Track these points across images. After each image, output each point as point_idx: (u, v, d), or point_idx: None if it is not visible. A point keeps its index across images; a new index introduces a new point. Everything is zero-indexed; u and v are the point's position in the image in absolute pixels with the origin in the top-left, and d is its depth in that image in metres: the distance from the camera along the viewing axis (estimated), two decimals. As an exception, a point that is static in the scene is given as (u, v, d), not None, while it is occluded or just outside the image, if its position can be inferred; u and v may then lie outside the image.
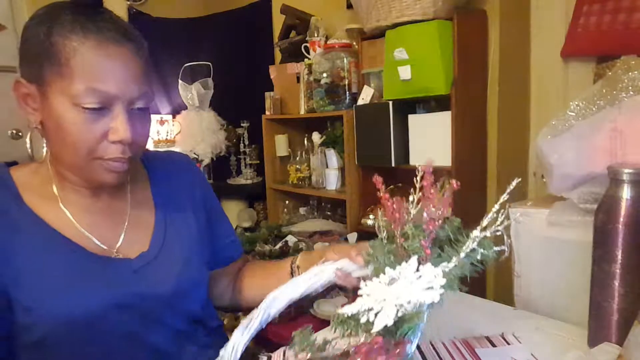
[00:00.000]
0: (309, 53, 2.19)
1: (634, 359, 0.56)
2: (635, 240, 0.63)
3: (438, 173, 0.56)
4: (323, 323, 1.46)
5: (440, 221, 0.54)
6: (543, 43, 1.70)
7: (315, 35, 2.15)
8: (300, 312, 1.57)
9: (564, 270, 0.89)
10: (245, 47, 2.91)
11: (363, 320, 0.49)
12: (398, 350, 0.48)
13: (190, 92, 2.88)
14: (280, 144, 2.45)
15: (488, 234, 0.54)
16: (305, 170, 2.31)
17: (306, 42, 2.19)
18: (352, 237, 1.88)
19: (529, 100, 1.77)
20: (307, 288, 0.60)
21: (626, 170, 0.63)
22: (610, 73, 0.84)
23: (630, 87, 0.79)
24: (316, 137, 2.24)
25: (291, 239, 1.99)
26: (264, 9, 2.74)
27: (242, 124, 2.82)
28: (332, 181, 2.13)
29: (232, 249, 0.89)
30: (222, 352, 0.52)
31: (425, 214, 0.55)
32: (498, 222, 0.53)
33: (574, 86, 1.60)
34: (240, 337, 0.53)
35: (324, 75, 2.03)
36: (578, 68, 1.59)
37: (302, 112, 2.27)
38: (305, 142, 2.33)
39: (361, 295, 0.50)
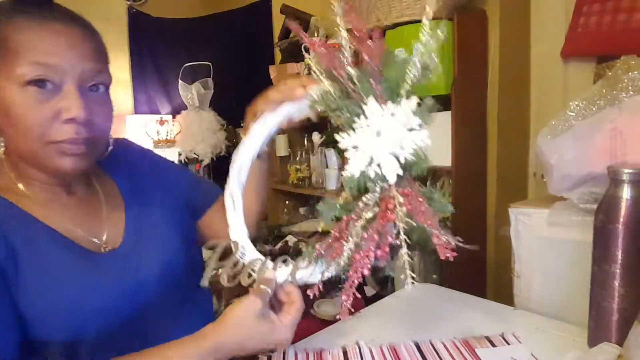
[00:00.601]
0: (309, 53, 2.19)
1: (634, 359, 0.56)
2: (635, 240, 0.63)
3: (438, 173, 0.57)
4: (323, 323, 1.46)
5: (376, 58, 0.56)
6: (543, 43, 1.70)
7: (315, 35, 2.15)
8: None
9: (564, 270, 0.89)
10: (245, 47, 2.91)
11: (372, 174, 0.54)
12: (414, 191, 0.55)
13: (190, 92, 2.88)
14: (280, 144, 2.45)
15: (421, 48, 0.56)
16: (305, 170, 2.31)
17: (306, 42, 2.19)
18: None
19: (529, 100, 1.77)
20: (257, 145, 0.65)
21: (626, 170, 0.63)
22: (610, 73, 0.84)
23: (630, 87, 0.79)
24: (316, 137, 2.24)
25: (291, 239, 2.00)
26: (264, 9, 2.74)
27: (242, 124, 2.81)
28: (332, 181, 2.13)
29: (209, 191, 0.88)
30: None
31: (364, 56, 0.56)
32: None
33: (574, 86, 1.60)
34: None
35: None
36: (578, 68, 1.59)
37: (302, 112, 2.27)
38: (305, 142, 2.33)
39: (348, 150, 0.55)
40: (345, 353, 0.75)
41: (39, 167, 0.63)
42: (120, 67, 2.88)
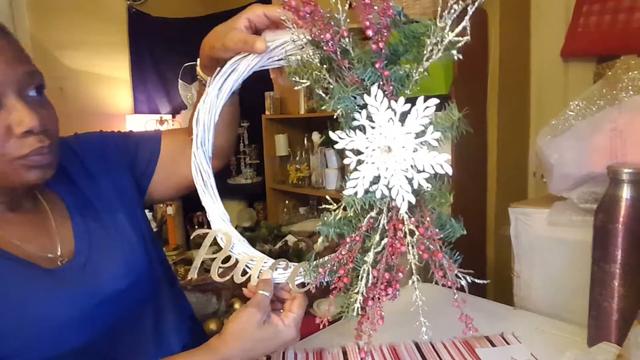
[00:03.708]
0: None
1: (634, 359, 0.56)
2: (635, 240, 0.63)
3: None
4: (323, 323, 1.46)
5: (387, 25, 0.44)
6: (543, 43, 1.70)
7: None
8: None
9: (564, 270, 0.89)
10: (245, 46, 2.91)
11: (378, 195, 0.45)
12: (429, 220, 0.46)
13: (190, 92, 2.88)
14: (280, 144, 2.45)
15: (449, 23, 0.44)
16: (305, 170, 2.31)
17: (306, 42, 2.19)
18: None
19: (529, 100, 1.77)
20: (216, 109, 0.58)
21: (626, 170, 0.63)
22: (610, 73, 0.84)
23: (630, 87, 0.79)
24: (316, 136, 2.24)
25: (291, 239, 1.99)
26: (263, 9, 2.74)
27: (241, 124, 2.82)
28: (331, 181, 2.13)
29: (150, 147, 0.80)
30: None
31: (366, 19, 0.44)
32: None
33: (574, 86, 1.60)
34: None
35: (324, 75, 2.03)
36: (578, 68, 1.59)
37: (302, 111, 2.27)
38: (305, 141, 2.33)
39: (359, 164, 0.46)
40: (345, 353, 0.75)
41: (4, 185, 0.59)
42: (120, 67, 2.88)
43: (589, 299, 0.69)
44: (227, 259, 0.59)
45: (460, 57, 0.46)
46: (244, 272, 0.59)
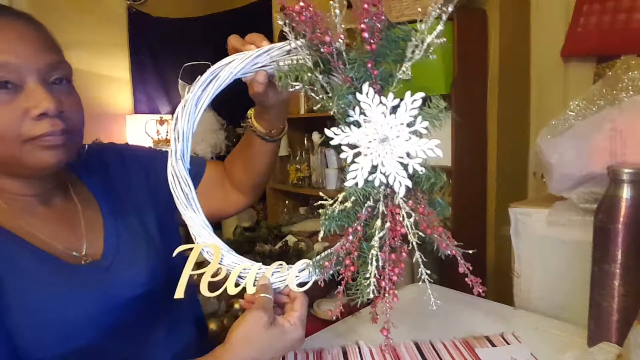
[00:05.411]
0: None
1: (634, 359, 0.56)
2: (635, 240, 0.63)
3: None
4: (323, 323, 1.46)
5: (380, 28, 0.48)
6: (543, 43, 1.70)
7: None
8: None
9: (564, 270, 0.89)
10: (245, 46, 2.91)
11: (376, 183, 0.50)
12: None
13: (190, 92, 2.88)
14: (280, 144, 2.45)
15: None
16: (305, 170, 2.31)
17: (306, 42, 2.19)
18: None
19: (529, 100, 1.77)
20: (195, 117, 0.60)
21: (626, 170, 0.63)
22: (610, 73, 0.84)
23: (630, 87, 0.79)
24: (316, 137, 2.24)
25: (291, 239, 1.99)
26: (264, 9, 2.74)
27: (242, 124, 2.82)
28: (332, 181, 2.13)
29: (194, 169, 0.86)
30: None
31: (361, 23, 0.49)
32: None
33: (574, 86, 1.60)
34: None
35: (324, 75, 2.03)
36: (578, 68, 1.59)
37: (302, 111, 2.27)
38: (305, 142, 2.33)
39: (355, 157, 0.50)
40: (344, 353, 0.75)
41: (19, 170, 0.60)
42: (120, 67, 2.88)
43: (589, 299, 0.69)
44: (216, 273, 0.57)
45: (435, 57, 0.51)
46: (237, 284, 0.57)
